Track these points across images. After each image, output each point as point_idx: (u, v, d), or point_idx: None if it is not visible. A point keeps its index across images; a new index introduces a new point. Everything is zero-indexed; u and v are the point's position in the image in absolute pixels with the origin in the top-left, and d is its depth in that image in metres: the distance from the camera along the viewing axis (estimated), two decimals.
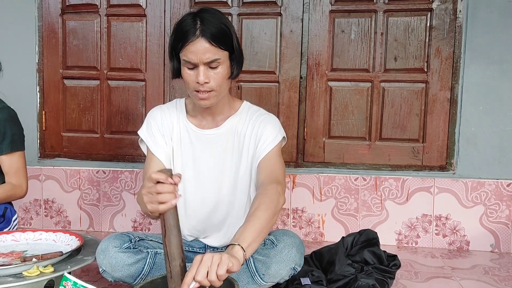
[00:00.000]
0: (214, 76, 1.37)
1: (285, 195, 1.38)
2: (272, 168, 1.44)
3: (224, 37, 1.36)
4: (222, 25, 1.36)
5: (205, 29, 1.33)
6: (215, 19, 1.36)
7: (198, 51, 1.33)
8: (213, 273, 1.04)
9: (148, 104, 2.46)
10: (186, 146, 1.54)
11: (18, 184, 1.81)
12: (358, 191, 2.34)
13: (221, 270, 1.04)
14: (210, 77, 1.36)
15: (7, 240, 1.62)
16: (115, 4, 2.47)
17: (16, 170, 1.81)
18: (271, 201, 1.29)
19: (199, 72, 1.35)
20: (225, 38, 1.36)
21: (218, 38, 1.34)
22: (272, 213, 1.27)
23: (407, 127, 2.32)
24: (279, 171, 1.44)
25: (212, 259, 1.06)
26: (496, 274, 1.93)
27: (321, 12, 2.34)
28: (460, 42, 2.24)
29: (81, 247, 1.53)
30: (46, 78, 2.54)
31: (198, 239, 1.61)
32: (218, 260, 1.06)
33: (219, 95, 1.42)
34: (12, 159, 1.80)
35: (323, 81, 2.36)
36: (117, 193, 2.51)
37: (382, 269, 1.61)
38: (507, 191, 2.23)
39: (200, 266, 1.05)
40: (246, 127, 1.52)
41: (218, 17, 1.38)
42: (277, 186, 1.35)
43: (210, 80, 1.37)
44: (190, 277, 1.05)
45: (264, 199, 1.29)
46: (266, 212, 1.25)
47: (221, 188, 1.53)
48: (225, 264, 1.05)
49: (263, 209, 1.25)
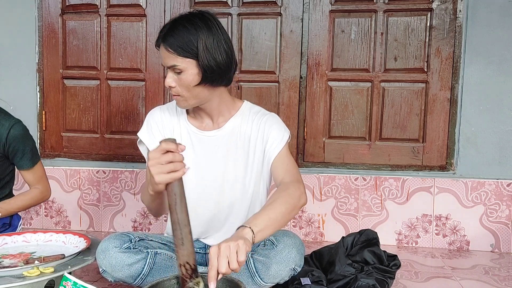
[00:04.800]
0: (179, 81, 1.39)
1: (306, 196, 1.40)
2: (287, 167, 1.47)
3: (184, 45, 1.34)
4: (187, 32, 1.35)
5: (166, 36, 1.37)
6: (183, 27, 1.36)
7: (162, 55, 1.40)
8: (234, 262, 1.05)
9: (148, 104, 2.46)
10: (187, 147, 1.53)
11: (44, 189, 1.86)
12: (358, 191, 2.34)
13: (242, 256, 1.05)
14: (176, 81, 1.39)
15: (18, 241, 1.63)
16: (115, 4, 2.47)
17: (39, 179, 1.85)
18: (291, 196, 1.31)
19: (167, 75, 1.41)
20: (186, 47, 1.35)
21: (175, 45, 1.35)
22: (290, 208, 1.29)
23: (407, 127, 2.32)
24: (295, 170, 1.47)
25: (229, 248, 1.06)
26: (496, 274, 1.93)
27: (321, 12, 2.34)
28: (460, 42, 2.24)
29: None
30: (46, 78, 2.54)
31: (199, 239, 1.61)
32: (236, 247, 1.06)
33: (190, 100, 1.42)
34: (34, 171, 1.83)
35: (323, 81, 2.36)
36: (117, 193, 2.51)
37: (382, 269, 1.61)
38: (507, 191, 2.23)
39: (220, 258, 1.05)
40: (251, 128, 1.51)
41: (190, 24, 1.36)
42: (299, 185, 1.38)
43: (175, 85, 1.40)
44: (214, 270, 1.05)
45: (283, 193, 1.32)
46: (284, 205, 1.27)
47: (223, 189, 1.52)
48: (244, 250, 1.06)
49: (280, 202, 1.28)
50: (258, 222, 1.19)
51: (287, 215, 1.28)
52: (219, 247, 1.07)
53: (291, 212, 1.30)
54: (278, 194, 1.33)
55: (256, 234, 1.17)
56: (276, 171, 1.48)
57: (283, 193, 1.32)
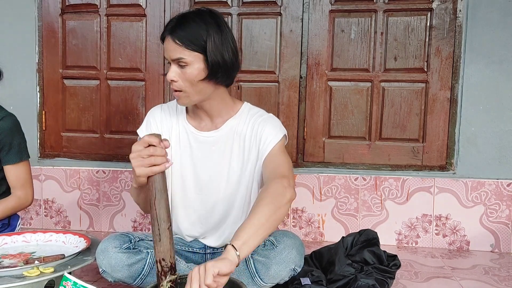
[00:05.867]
0: (182, 75, 1.38)
1: (294, 188, 1.32)
2: (276, 164, 1.42)
3: (193, 38, 1.35)
4: (197, 27, 1.36)
5: (174, 27, 1.36)
6: (193, 20, 1.37)
7: (167, 48, 1.38)
8: (202, 284, 1.05)
9: (148, 104, 2.46)
10: (185, 147, 1.54)
11: (24, 196, 1.77)
12: (358, 191, 2.34)
13: (208, 279, 1.05)
14: (179, 75, 1.38)
15: (17, 241, 1.63)
16: (115, 4, 2.47)
17: (24, 182, 1.77)
18: (273, 195, 1.25)
19: (170, 69, 1.39)
20: (195, 40, 1.35)
21: (184, 38, 1.35)
22: (275, 207, 1.22)
23: (407, 127, 2.32)
24: (284, 166, 1.40)
25: (198, 271, 1.08)
26: (496, 274, 1.93)
27: (321, 12, 2.33)
28: (460, 41, 2.24)
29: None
30: (46, 78, 2.54)
31: (197, 240, 1.61)
32: (204, 270, 1.07)
33: (192, 96, 1.41)
34: (18, 169, 1.76)
35: (323, 80, 2.36)
36: (117, 193, 2.51)
37: (382, 269, 1.60)
38: (507, 191, 2.23)
39: (192, 283, 1.07)
40: (246, 128, 1.51)
41: (200, 18, 1.37)
42: (281, 180, 1.30)
43: (178, 79, 1.38)
44: None
45: (265, 194, 1.26)
46: (267, 206, 1.22)
47: (220, 189, 1.52)
48: (210, 273, 1.06)
49: (263, 204, 1.23)
50: (240, 235, 1.15)
51: (273, 215, 1.21)
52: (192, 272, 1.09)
53: (276, 212, 1.22)
54: (260, 196, 1.28)
55: (240, 249, 1.13)
56: (264, 170, 1.44)
57: (264, 194, 1.27)
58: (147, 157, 1.16)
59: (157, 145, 1.17)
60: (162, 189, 1.17)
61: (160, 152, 1.17)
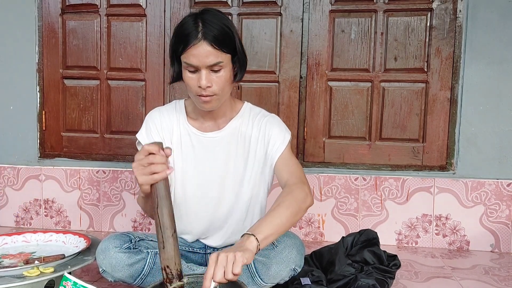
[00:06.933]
0: (216, 80, 1.34)
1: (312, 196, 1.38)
2: (291, 168, 1.45)
3: (226, 39, 1.33)
4: (225, 27, 1.33)
5: (207, 31, 1.30)
6: (217, 20, 1.33)
7: (200, 54, 1.30)
8: (230, 273, 1.05)
9: (148, 104, 2.46)
10: (187, 149, 1.53)
11: None
12: (358, 191, 2.34)
13: (237, 268, 1.06)
14: (212, 80, 1.34)
15: (18, 241, 1.63)
16: (115, 4, 2.47)
17: None
18: (295, 199, 1.30)
19: (201, 76, 1.33)
20: (228, 41, 1.33)
21: (220, 40, 1.31)
22: (295, 212, 1.28)
23: (407, 127, 2.32)
24: (300, 171, 1.45)
25: (227, 258, 1.07)
26: (496, 274, 1.93)
27: (321, 12, 2.33)
28: (460, 42, 2.24)
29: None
30: (46, 78, 2.54)
31: (198, 240, 1.61)
32: (233, 258, 1.07)
33: (222, 98, 1.41)
34: None
35: (323, 81, 2.36)
36: (117, 193, 2.51)
37: (382, 269, 1.61)
38: (507, 191, 2.23)
39: (216, 267, 1.06)
40: (251, 129, 1.51)
41: (220, 18, 1.35)
42: (303, 186, 1.36)
43: (212, 84, 1.34)
44: (209, 279, 1.06)
45: (288, 197, 1.30)
46: (288, 209, 1.26)
47: (223, 191, 1.52)
48: (240, 262, 1.06)
49: (285, 206, 1.27)
50: (263, 230, 1.19)
51: (292, 218, 1.27)
52: (218, 256, 1.08)
53: (296, 215, 1.29)
54: (282, 197, 1.31)
55: (261, 242, 1.16)
56: (280, 173, 1.47)
57: (287, 197, 1.31)
58: (147, 166, 1.16)
59: (156, 153, 1.17)
60: (164, 196, 1.17)
61: (160, 160, 1.16)
